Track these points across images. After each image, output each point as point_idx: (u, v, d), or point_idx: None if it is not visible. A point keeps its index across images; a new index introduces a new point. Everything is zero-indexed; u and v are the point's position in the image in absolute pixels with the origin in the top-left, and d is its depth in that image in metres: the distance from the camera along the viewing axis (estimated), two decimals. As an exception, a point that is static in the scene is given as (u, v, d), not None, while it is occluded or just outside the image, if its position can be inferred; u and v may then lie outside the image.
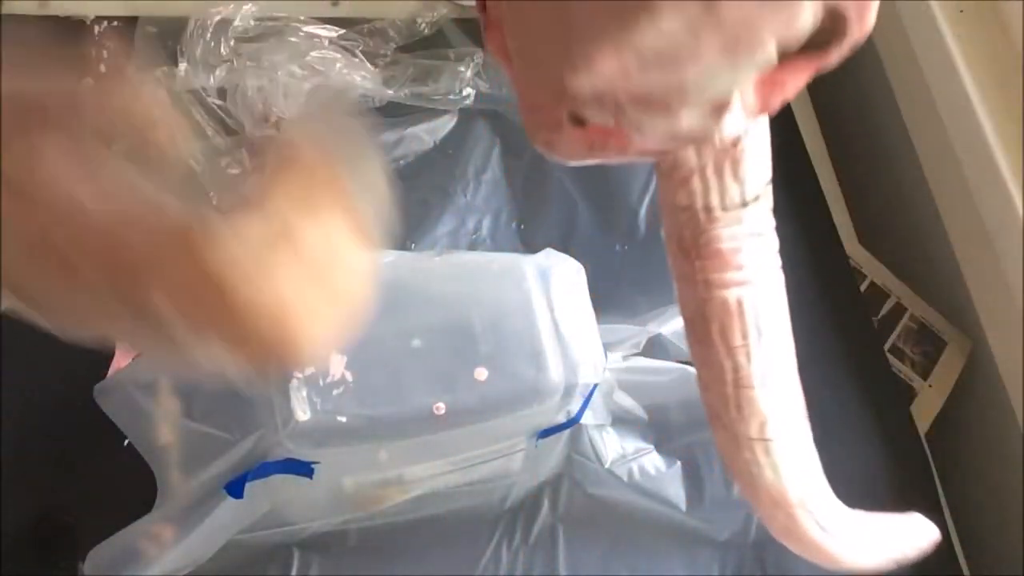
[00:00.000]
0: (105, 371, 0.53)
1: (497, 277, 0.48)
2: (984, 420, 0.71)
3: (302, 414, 0.43)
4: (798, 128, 0.75)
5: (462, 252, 0.63)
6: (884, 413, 0.66)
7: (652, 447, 0.59)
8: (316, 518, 0.54)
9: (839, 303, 0.69)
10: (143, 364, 0.50)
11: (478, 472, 0.53)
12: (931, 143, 0.70)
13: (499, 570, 0.55)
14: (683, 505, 0.58)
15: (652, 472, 0.58)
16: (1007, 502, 0.68)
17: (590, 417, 0.54)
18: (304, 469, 0.45)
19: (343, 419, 0.43)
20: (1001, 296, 0.64)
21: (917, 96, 0.70)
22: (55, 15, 0.63)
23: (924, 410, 0.69)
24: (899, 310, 0.72)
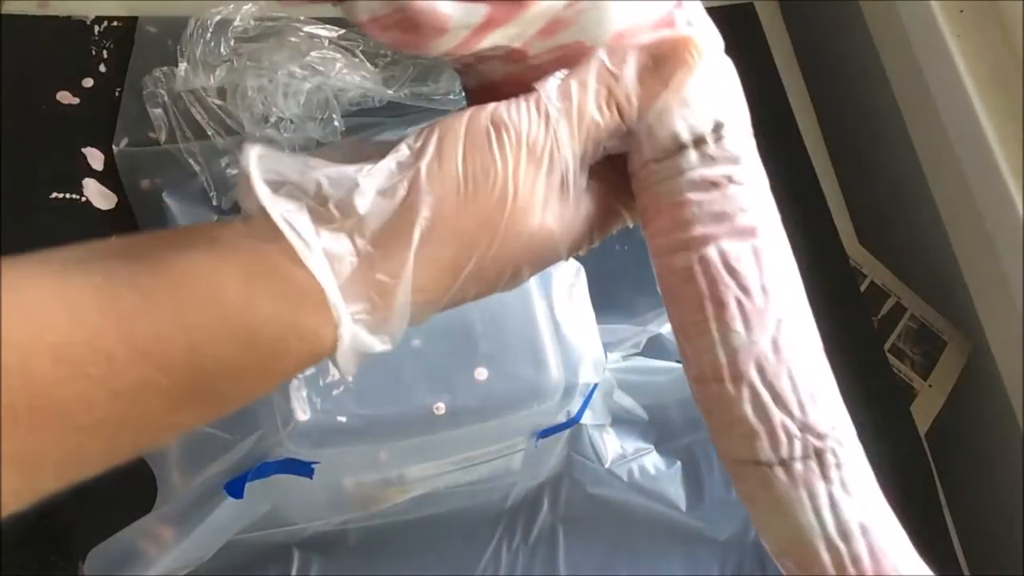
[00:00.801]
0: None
1: (497, 277, 0.48)
2: (984, 420, 0.71)
3: (302, 414, 0.43)
4: (798, 128, 0.75)
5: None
6: (884, 413, 0.66)
7: (652, 447, 0.59)
8: (316, 518, 0.54)
9: (839, 303, 0.69)
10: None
11: (478, 472, 0.53)
12: (931, 143, 0.70)
13: (499, 570, 0.55)
14: (683, 505, 0.58)
15: (652, 472, 0.58)
16: (1007, 502, 0.68)
17: (590, 417, 0.54)
18: (304, 469, 0.45)
19: (343, 419, 0.43)
20: (1001, 296, 0.64)
21: (917, 96, 0.70)
22: (55, 15, 0.63)
23: (924, 410, 0.69)
24: (899, 310, 0.72)
